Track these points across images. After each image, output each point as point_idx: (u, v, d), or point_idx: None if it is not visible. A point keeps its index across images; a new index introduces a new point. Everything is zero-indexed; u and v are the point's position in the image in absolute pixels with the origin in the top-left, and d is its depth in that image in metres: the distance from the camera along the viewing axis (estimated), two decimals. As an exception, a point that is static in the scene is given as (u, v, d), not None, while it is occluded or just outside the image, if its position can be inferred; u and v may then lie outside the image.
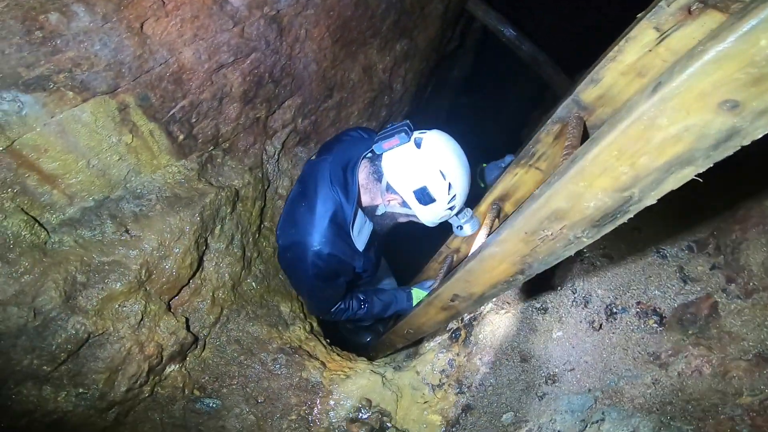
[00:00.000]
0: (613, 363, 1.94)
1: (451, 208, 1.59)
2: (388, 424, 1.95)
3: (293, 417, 1.91)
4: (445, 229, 2.13)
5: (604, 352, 1.98)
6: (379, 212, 1.64)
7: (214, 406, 1.84)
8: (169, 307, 1.83)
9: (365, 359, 2.39)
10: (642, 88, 1.35)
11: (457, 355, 2.24)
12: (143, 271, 1.72)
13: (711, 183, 0.83)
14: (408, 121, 1.59)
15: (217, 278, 2.05)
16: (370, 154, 1.65)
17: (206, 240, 1.99)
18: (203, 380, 1.89)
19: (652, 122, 0.76)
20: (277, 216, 2.56)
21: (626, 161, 0.84)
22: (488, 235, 1.73)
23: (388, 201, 1.59)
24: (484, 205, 1.82)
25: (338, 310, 1.97)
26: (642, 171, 0.84)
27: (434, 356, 2.28)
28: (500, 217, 1.81)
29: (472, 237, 2.04)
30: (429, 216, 1.60)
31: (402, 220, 1.69)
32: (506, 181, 1.68)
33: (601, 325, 2.02)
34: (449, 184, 1.50)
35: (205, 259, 2.01)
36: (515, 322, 2.09)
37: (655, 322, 1.92)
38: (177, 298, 1.88)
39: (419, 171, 1.49)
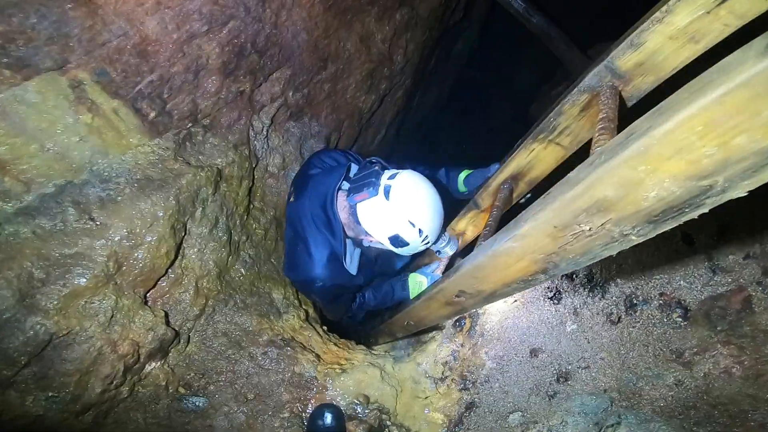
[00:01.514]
0: (631, 360, 1.71)
1: (425, 244, 1.61)
2: (388, 422, 1.75)
3: (286, 414, 1.71)
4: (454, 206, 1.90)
5: (623, 349, 1.75)
6: (364, 245, 1.68)
7: (201, 405, 1.63)
8: (145, 301, 1.60)
9: (364, 348, 2.18)
10: (693, 54, 1.08)
11: (461, 345, 2.02)
12: (111, 263, 1.48)
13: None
14: (376, 167, 1.60)
15: (201, 266, 1.81)
16: (345, 186, 1.67)
17: (185, 225, 1.74)
18: (188, 377, 1.68)
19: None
20: (268, 195, 2.39)
21: (714, 140, 0.57)
22: (500, 217, 1.47)
23: (369, 240, 1.63)
24: (494, 184, 1.55)
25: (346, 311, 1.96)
26: (735, 153, 0.58)
27: (437, 346, 2.07)
28: (512, 197, 1.54)
29: (480, 219, 1.78)
30: (405, 252, 1.64)
31: (385, 250, 1.68)
32: (521, 158, 1.41)
33: (619, 317, 1.79)
34: (419, 230, 1.52)
35: (185, 245, 1.76)
36: (525, 312, 1.86)
37: (679, 316, 1.68)
38: (154, 290, 1.65)
39: (390, 222, 1.51)
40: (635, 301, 1.73)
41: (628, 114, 1.08)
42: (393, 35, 3.01)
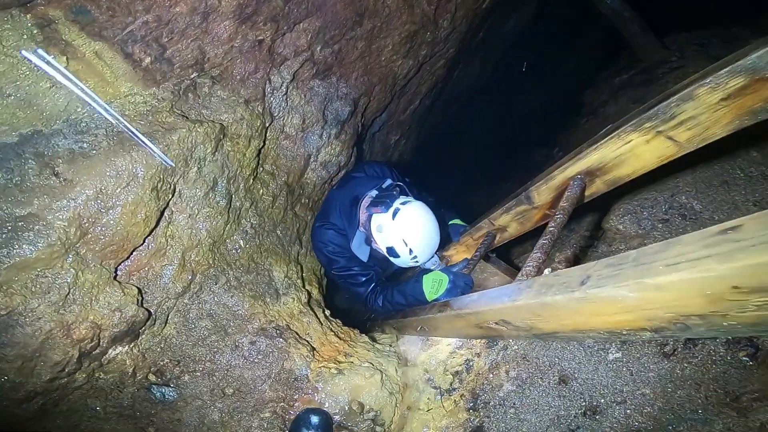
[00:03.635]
0: (677, 400, 1.33)
1: (415, 262, 1.74)
2: (381, 437, 1.40)
3: (266, 414, 1.37)
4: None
5: (670, 386, 1.36)
6: (372, 246, 1.82)
7: (170, 397, 1.30)
8: (115, 275, 1.24)
9: (367, 340, 1.82)
10: None
11: (477, 355, 1.63)
12: (73, 229, 1.11)
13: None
14: (395, 191, 1.79)
15: (190, 235, 1.43)
16: (374, 194, 1.85)
17: (174, 186, 1.35)
18: (162, 363, 1.33)
19: None
20: (281, 158, 2.02)
21: None
22: (565, 223, 1.03)
23: (375, 244, 1.78)
24: (560, 177, 1.09)
25: (372, 301, 1.89)
26: None
27: (450, 352, 1.69)
28: (583, 195, 1.09)
29: (530, 216, 1.34)
30: (398, 263, 1.78)
31: (384, 256, 1.82)
32: (607, 149, 0.95)
33: (674, 350, 1.39)
34: (410, 249, 1.67)
35: (174, 209, 1.39)
36: (562, 334, 1.45)
37: (747, 355, 1.28)
38: (129, 263, 1.28)
39: (388, 236, 1.68)
40: (701, 335, 1.30)
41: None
42: (441, -3, 2.49)
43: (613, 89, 3.08)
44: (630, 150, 0.93)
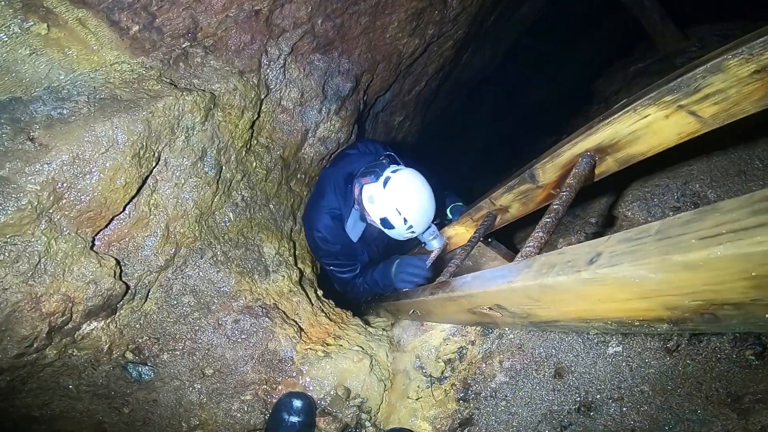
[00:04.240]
0: (676, 399, 1.26)
1: (411, 233, 1.64)
2: (367, 424, 1.33)
3: (247, 397, 1.29)
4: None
5: (670, 383, 1.28)
6: (368, 221, 1.72)
7: (147, 377, 1.23)
8: (92, 245, 1.16)
9: (359, 323, 1.75)
10: None
11: (471, 343, 1.55)
12: (46, 194, 1.03)
13: None
14: (385, 160, 1.66)
15: (176, 205, 1.34)
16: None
17: (158, 154, 1.26)
18: (140, 340, 1.25)
19: None
20: (277, 132, 1.93)
21: None
22: (571, 201, 0.93)
23: (369, 217, 1.68)
24: (567, 154, 0.98)
25: (353, 284, 1.85)
26: None
27: (443, 339, 1.61)
28: (593, 174, 0.98)
29: (534, 196, 1.24)
30: (394, 235, 1.68)
31: (379, 229, 1.72)
32: (620, 124, 0.84)
33: (678, 346, 1.31)
34: (404, 218, 1.57)
35: (158, 178, 1.30)
36: (561, 324, 1.36)
37: (753, 354, 1.20)
38: (108, 232, 1.20)
39: (380, 206, 1.59)
40: (705, 329, 1.21)
41: None
42: (452, -26, 2.35)
43: (628, 78, 2.94)
44: (647, 125, 0.82)
